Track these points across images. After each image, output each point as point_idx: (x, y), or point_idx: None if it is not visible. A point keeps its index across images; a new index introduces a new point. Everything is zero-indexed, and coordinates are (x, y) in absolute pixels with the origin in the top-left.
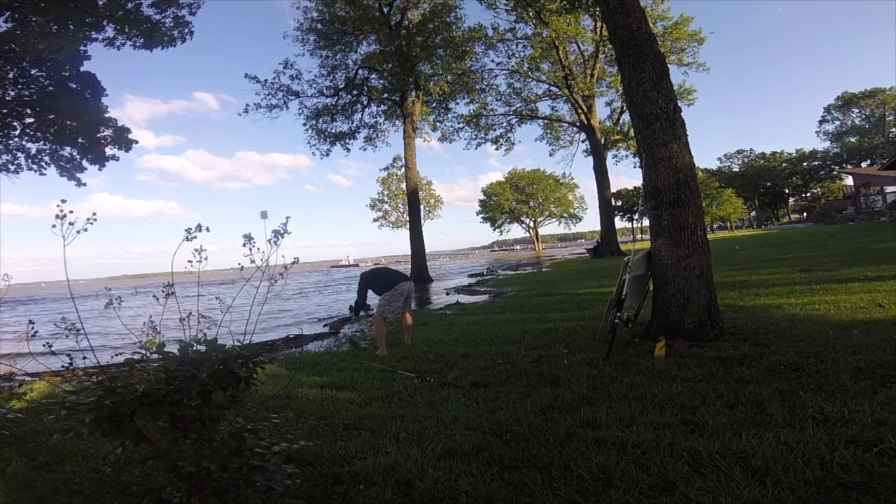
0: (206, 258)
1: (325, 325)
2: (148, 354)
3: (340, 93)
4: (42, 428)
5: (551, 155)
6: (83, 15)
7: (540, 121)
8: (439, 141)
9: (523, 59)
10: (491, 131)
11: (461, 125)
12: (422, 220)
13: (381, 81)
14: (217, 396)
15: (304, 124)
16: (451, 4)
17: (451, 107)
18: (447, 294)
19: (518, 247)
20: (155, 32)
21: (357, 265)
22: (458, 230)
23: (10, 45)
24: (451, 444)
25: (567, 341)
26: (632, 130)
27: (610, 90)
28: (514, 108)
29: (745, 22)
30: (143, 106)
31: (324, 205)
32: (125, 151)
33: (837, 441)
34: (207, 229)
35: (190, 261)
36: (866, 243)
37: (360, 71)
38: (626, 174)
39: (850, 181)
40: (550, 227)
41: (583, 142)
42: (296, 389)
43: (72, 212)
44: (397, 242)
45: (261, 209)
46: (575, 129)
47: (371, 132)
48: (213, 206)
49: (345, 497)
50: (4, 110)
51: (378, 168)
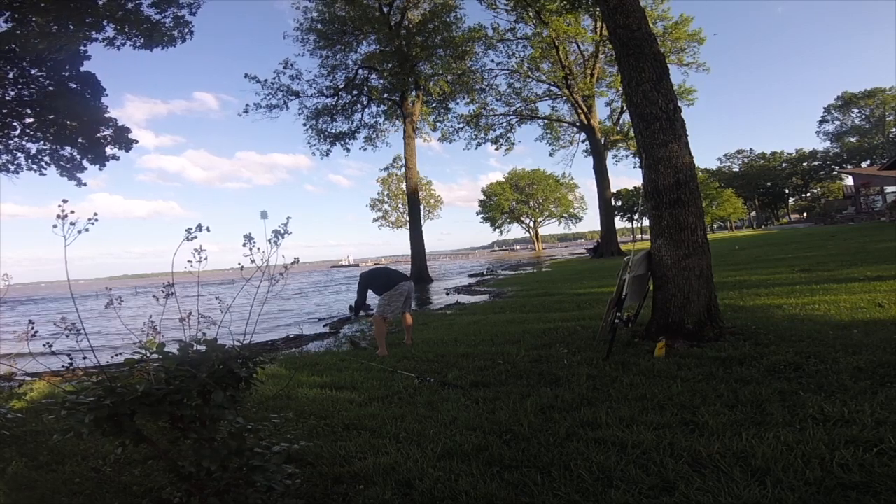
0: (206, 258)
1: (325, 325)
2: (148, 354)
3: (340, 93)
4: (42, 428)
5: (551, 155)
6: (83, 15)
7: (540, 121)
8: (439, 141)
9: (523, 59)
10: (491, 131)
11: (461, 125)
12: (422, 220)
13: (381, 81)
14: (217, 396)
15: (304, 124)
16: (451, 4)
17: (451, 107)
18: (447, 294)
19: (518, 247)
20: (155, 32)
21: (357, 265)
22: (458, 230)
23: (10, 45)
24: (451, 444)
25: (567, 341)
26: (632, 130)
27: (610, 90)
28: (514, 108)
29: (745, 22)
30: (143, 106)
31: (324, 205)
32: (125, 151)
33: (837, 441)
34: (208, 229)
35: (190, 261)
36: (866, 243)
37: (360, 71)
38: (626, 174)
39: (850, 181)
40: (550, 227)
41: (583, 142)
42: (296, 389)
43: (73, 212)
44: (397, 242)
45: (261, 209)
46: (575, 129)
47: (371, 132)
48: (213, 206)
49: (345, 497)
50: (4, 110)
51: (378, 168)
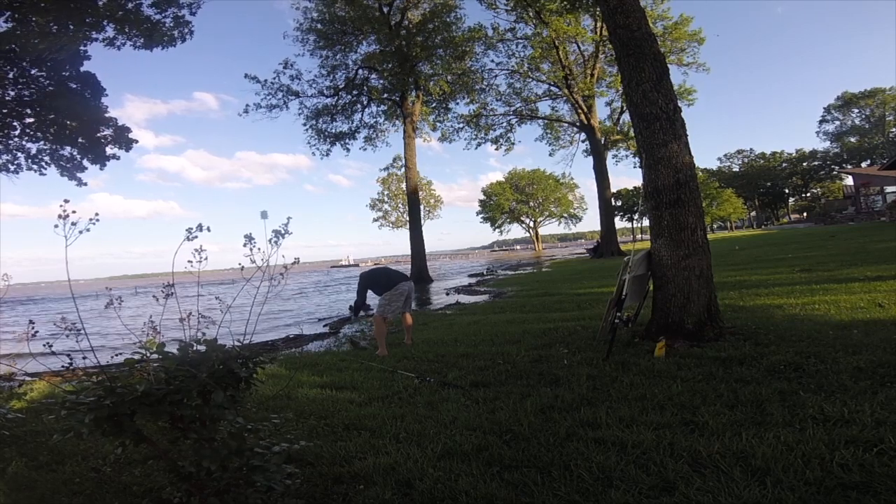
0: (207, 258)
1: (325, 325)
2: (148, 354)
3: (340, 93)
4: (42, 428)
5: (551, 155)
6: (83, 15)
7: (540, 121)
8: (439, 141)
9: (523, 59)
10: (491, 131)
11: (461, 125)
12: (422, 220)
13: (381, 81)
14: (217, 396)
15: (304, 124)
16: (451, 4)
17: (451, 107)
18: (447, 294)
19: (518, 247)
20: (155, 32)
21: (357, 265)
22: (458, 230)
23: (10, 45)
24: (451, 444)
25: (567, 341)
26: (632, 130)
27: (610, 90)
28: (514, 108)
29: (745, 22)
30: (143, 106)
31: (324, 205)
32: (125, 151)
33: (837, 441)
34: (208, 229)
35: (190, 261)
36: (866, 243)
37: (360, 71)
38: (626, 174)
39: (850, 181)
40: (550, 227)
41: (583, 142)
42: (296, 389)
43: (74, 212)
44: (397, 242)
45: (261, 209)
46: (575, 129)
47: (371, 132)
48: (213, 206)
49: (345, 497)
50: (4, 110)
51: (378, 168)
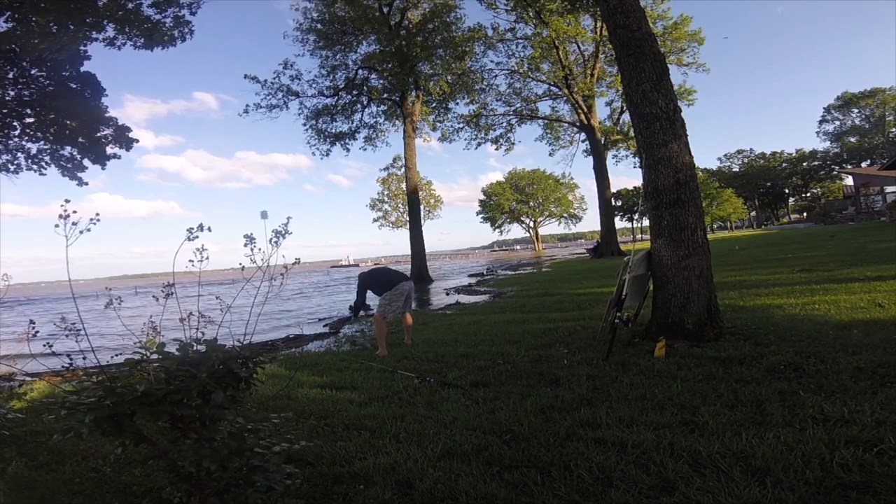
0: (208, 258)
1: (325, 325)
2: (148, 354)
3: (340, 93)
4: (42, 428)
5: (551, 155)
6: (83, 15)
7: (540, 121)
8: (439, 141)
9: (523, 59)
10: (491, 131)
11: (461, 125)
12: (422, 220)
13: (381, 81)
14: (217, 396)
15: (304, 124)
16: (451, 4)
17: (451, 107)
18: (447, 294)
19: (518, 247)
20: (155, 32)
21: (357, 265)
22: (458, 230)
23: (10, 45)
24: (451, 444)
25: (567, 341)
26: (632, 130)
27: (610, 90)
28: (514, 108)
29: (745, 22)
30: (143, 106)
31: (324, 205)
32: (126, 150)
33: (837, 441)
34: (209, 229)
35: (191, 260)
36: (866, 243)
37: (360, 71)
38: (626, 174)
39: (850, 181)
40: (550, 227)
41: (583, 142)
42: (296, 389)
43: (75, 212)
44: (397, 242)
45: (261, 209)
46: (575, 129)
47: (371, 132)
48: (213, 206)
49: (345, 497)
50: (4, 110)
51: (378, 168)
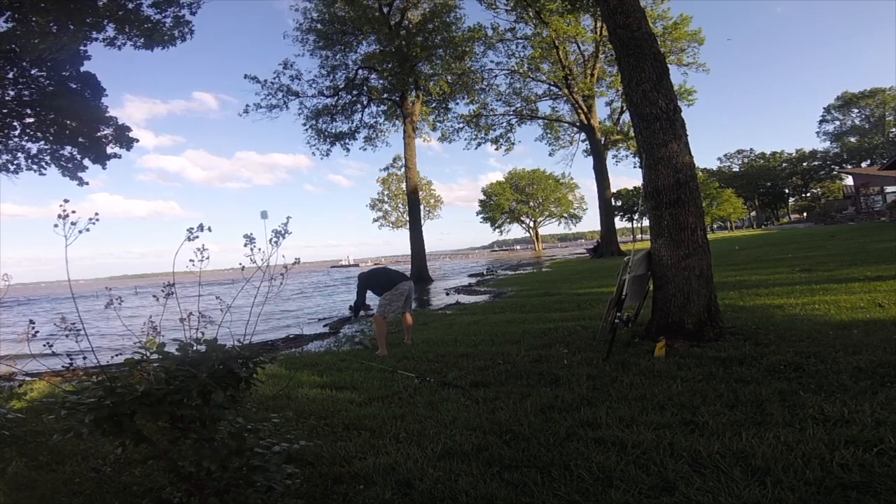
0: (208, 258)
1: (325, 325)
2: (148, 354)
3: (340, 93)
4: (42, 428)
5: (551, 155)
6: (83, 15)
7: (540, 121)
8: (439, 141)
9: (523, 59)
10: (491, 131)
11: (461, 125)
12: (422, 220)
13: (381, 81)
14: (217, 396)
15: (304, 124)
16: (451, 4)
17: (451, 107)
18: (447, 294)
19: (518, 247)
20: (155, 32)
21: (357, 265)
22: (458, 230)
23: (10, 45)
24: (451, 444)
25: (567, 341)
26: (632, 130)
27: (610, 90)
28: (514, 108)
29: (745, 22)
30: (143, 106)
31: (324, 205)
32: (126, 150)
33: (837, 441)
34: (209, 229)
35: (191, 260)
36: (866, 243)
37: (360, 71)
38: (626, 174)
39: (850, 181)
40: (550, 227)
41: (583, 142)
42: (296, 389)
43: (74, 212)
44: (397, 242)
45: (261, 209)
46: (575, 129)
47: (371, 132)
48: (212, 206)
49: (345, 497)
50: (4, 110)
51: (378, 168)
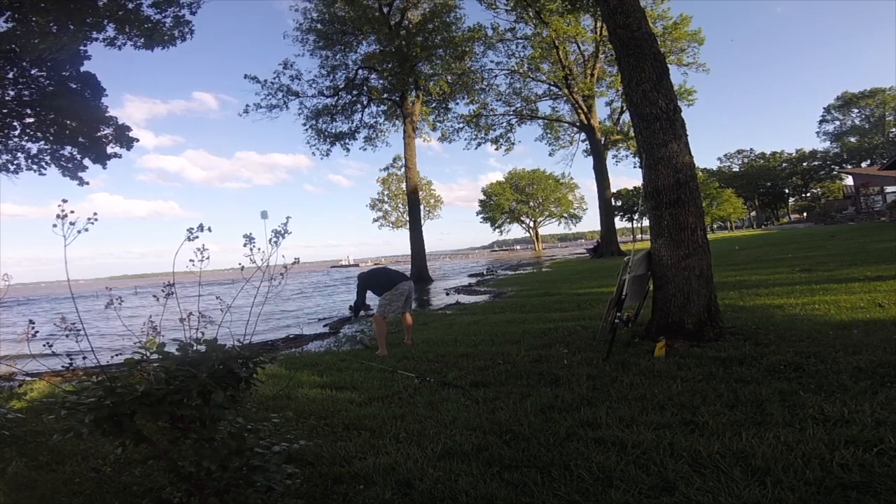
0: (208, 258)
1: (325, 325)
2: (148, 354)
3: (340, 93)
4: (42, 428)
5: (551, 155)
6: (83, 15)
7: (540, 121)
8: (439, 141)
9: (523, 59)
10: (491, 131)
11: (461, 125)
12: (422, 220)
13: (381, 81)
14: (217, 396)
15: (304, 124)
16: (451, 4)
17: (451, 107)
18: (447, 294)
19: (518, 247)
20: (155, 32)
21: (357, 265)
22: (458, 230)
23: (10, 45)
24: (451, 444)
25: (567, 341)
26: (632, 130)
27: (610, 90)
28: (514, 108)
29: (745, 22)
30: (143, 106)
31: (324, 205)
32: (126, 149)
33: (837, 441)
34: (209, 229)
35: (191, 260)
36: (866, 243)
37: (360, 71)
38: (626, 174)
39: (850, 181)
40: (550, 227)
41: (583, 142)
42: (296, 389)
43: (73, 212)
44: (397, 242)
45: (261, 209)
46: (575, 129)
47: (371, 132)
48: (212, 206)
49: (345, 497)
50: (4, 110)
51: (378, 168)
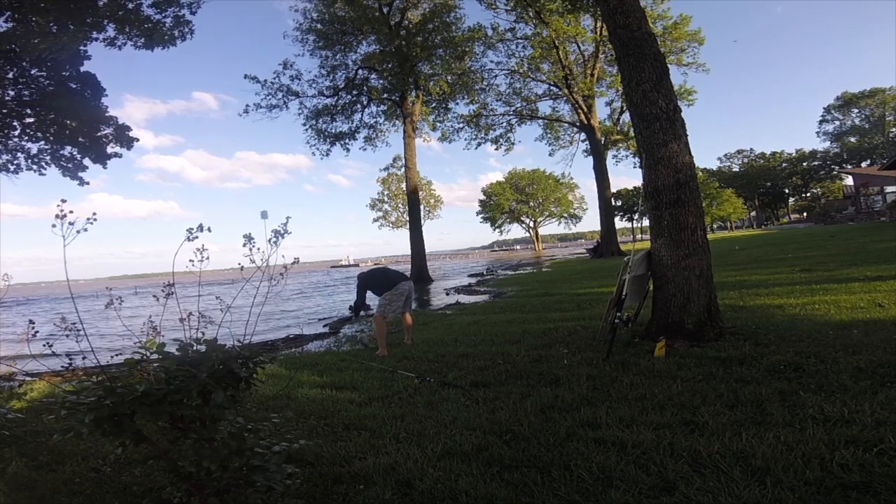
0: (208, 258)
1: (325, 325)
2: (148, 354)
3: (340, 93)
4: (42, 428)
5: (551, 155)
6: (83, 15)
7: (540, 121)
8: (439, 141)
9: (523, 59)
10: (491, 131)
11: (461, 125)
12: (422, 220)
13: (381, 81)
14: (217, 396)
15: (304, 124)
16: (451, 4)
17: (451, 107)
18: (447, 294)
19: (518, 247)
20: (155, 32)
21: (357, 265)
22: (458, 230)
23: (10, 45)
24: (451, 444)
25: (567, 341)
26: (632, 130)
27: (610, 90)
28: (514, 108)
29: (745, 22)
30: (143, 106)
31: (324, 205)
32: (126, 149)
33: (837, 441)
34: (209, 229)
35: (192, 260)
36: (866, 243)
37: (360, 71)
38: (626, 174)
39: (850, 181)
40: (550, 227)
41: (583, 142)
42: (296, 389)
43: (72, 212)
44: (397, 242)
45: (261, 209)
46: (575, 129)
47: (371, 132)
48: (212, 206)
49: (345, 497)
50: (4, 110)
51: (378, 168)
